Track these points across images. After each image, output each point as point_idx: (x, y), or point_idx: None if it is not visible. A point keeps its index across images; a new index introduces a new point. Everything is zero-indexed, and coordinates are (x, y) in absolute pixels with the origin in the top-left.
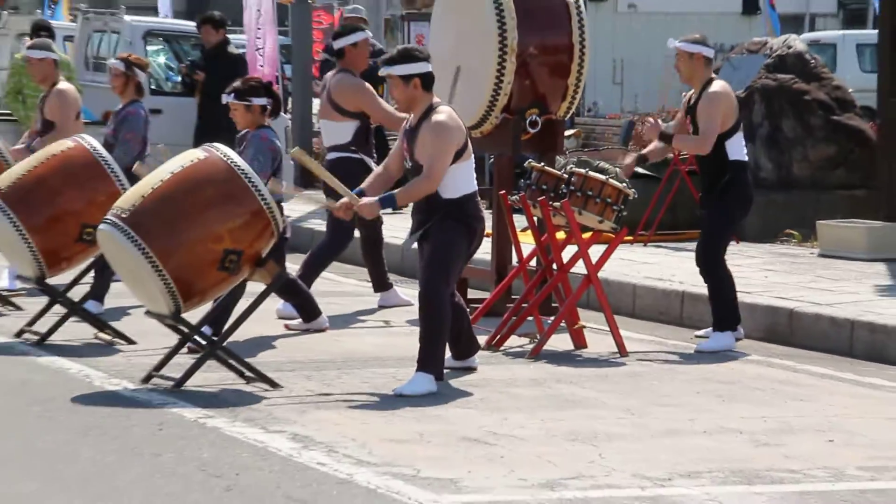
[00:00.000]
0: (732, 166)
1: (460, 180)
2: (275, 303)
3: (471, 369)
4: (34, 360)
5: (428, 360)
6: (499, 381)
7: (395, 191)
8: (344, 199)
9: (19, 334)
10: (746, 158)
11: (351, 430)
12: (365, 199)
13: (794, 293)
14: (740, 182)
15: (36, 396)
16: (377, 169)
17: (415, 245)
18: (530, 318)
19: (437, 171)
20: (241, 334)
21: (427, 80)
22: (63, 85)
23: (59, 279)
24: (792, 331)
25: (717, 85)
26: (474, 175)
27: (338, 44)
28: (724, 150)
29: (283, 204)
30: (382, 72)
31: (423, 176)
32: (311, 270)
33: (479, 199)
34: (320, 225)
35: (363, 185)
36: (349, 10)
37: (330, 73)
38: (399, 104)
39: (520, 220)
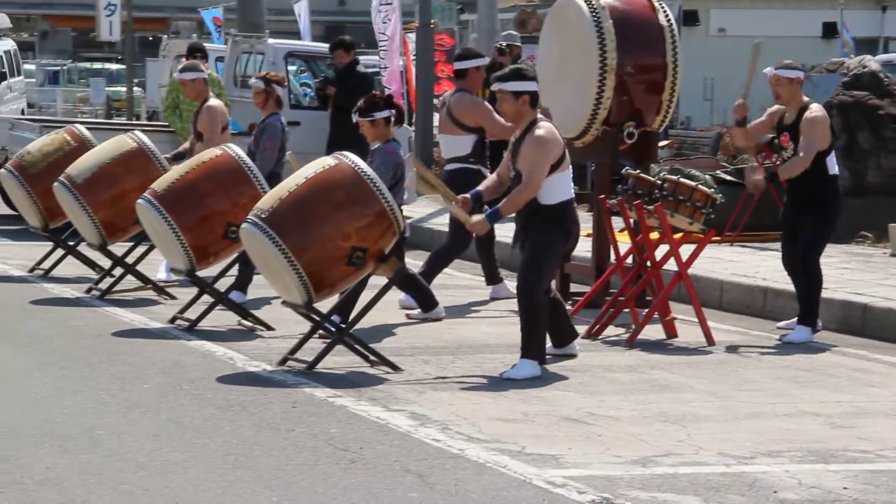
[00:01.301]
0: (830, 180)
1: (558, 188)
2: (396, 294)
3: (571, 356)
4: (185, 344)
5: (530, 347)
6: (597, 366)
7: (499, 204)
8: (463, 214)
9: (172, 320)
10: (838, 172)
11: (463, 409)
12: (475, 218)
13: (868, 289)
14: (837, 193)
15: (185, 376)
16: (491, 177)
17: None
18: (626, 310)
19: (535, 181)
20: (366, 322)
21: (534, 99)
22: (213, 101)
23: (207, 272)
24: (865, 323)
25: (817, 109)
26: (571, 184)
27: (462, 65)
28: (824, 166)
29: (403, 207)
30: (495, 87)
31: (522, 185)
32: (433, 268)
33: (575, 204)
34: (438, 225)
35: (480, 188)
36: (504, 37)
37: (449, 92)
38: (506, 117)
39: (617, 222)
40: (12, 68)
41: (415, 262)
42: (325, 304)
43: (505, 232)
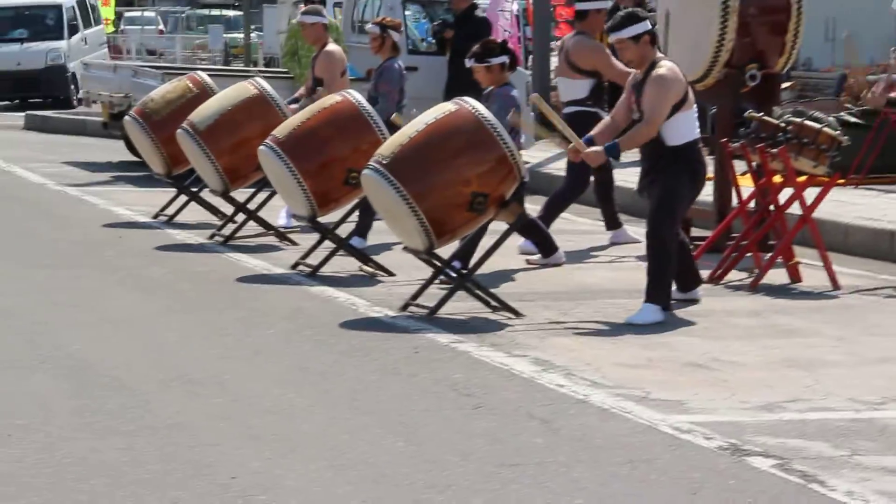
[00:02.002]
0: None
1: (684, 128)
2: (516, 240)
3: (694, 301)
4: (307, 290)
5: (655, 293)
6: (720, 311)
7: (619, 139)
8: (573, 144)
9: (294, 266)
10: None
11: (586, 355)
12: (592, 148)
13: None
14: None
15: (308, 322)
16: (605, 119)
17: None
18: (749, 255)
19: (656, 118)
20: (486, 268)
21: (654, 36)
22: (331, 46)
23: (328, 218)
24: None
25: None
26: (697, 123)
27: (582, 6)
28: None
29: (523, 151)
30: (612, 38)
31: (643, 122)
32: (551, 212)
33: (701, 145)
34: (557, 170)
35: (593, 133)
36: None
37: (568, 35)
38: (634, 63)
39: (739, 166)
40: (88, 19)
41: (533, 207)
42: (445, 250)
43: (624, 176)
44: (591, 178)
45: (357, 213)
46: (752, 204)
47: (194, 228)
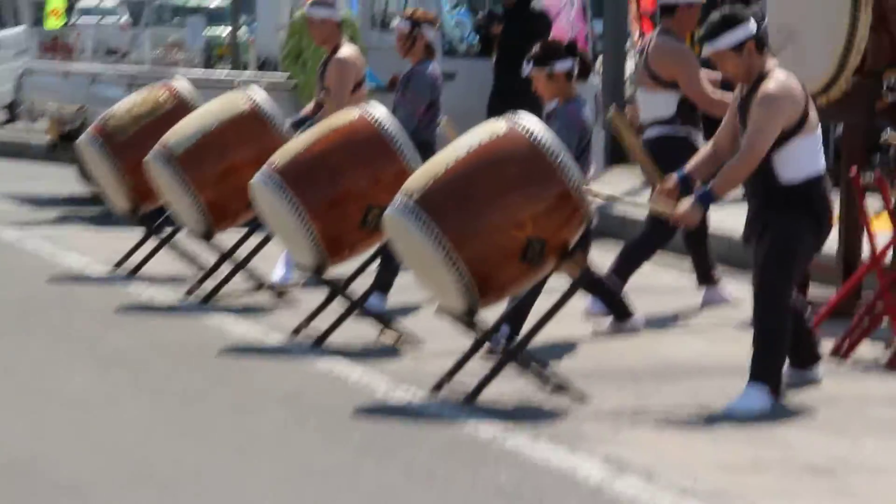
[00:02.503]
0: None
1: (803, 159)
2: (582, 300)
3: (813, 382)
4: (311, 365)
5: (763, 372)
6: (848, 397)
7: (712, 182)
8: (665, 204)
9: (296, 332)
10: None
11: (673, 452)
12: (683, 206)
13: None
14: None
15: (313, 408)
16: (705, 147)
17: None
18: (885, 323)
19: (756, 148)
20: (543, 337)
21: (760, 41)
22: (346, 50)
23: (339, 269)
24: None
25: None
26: (821, 152)
27: (667, 0)
28: None
29: (591, 184)
30: (706, 51)
31: (740, 153)
32: (627, 265)
33: (827, 182)
34: (635, 209)
35: (688, 168)
36: None
37: (653, 32)
38: (738, 77)
39: (873, 203)
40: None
41: (603, 257)
42: (491, 313)
43: (723, 216)
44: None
45: (377, 263)
46: (889, 255)
47: (166, 283)
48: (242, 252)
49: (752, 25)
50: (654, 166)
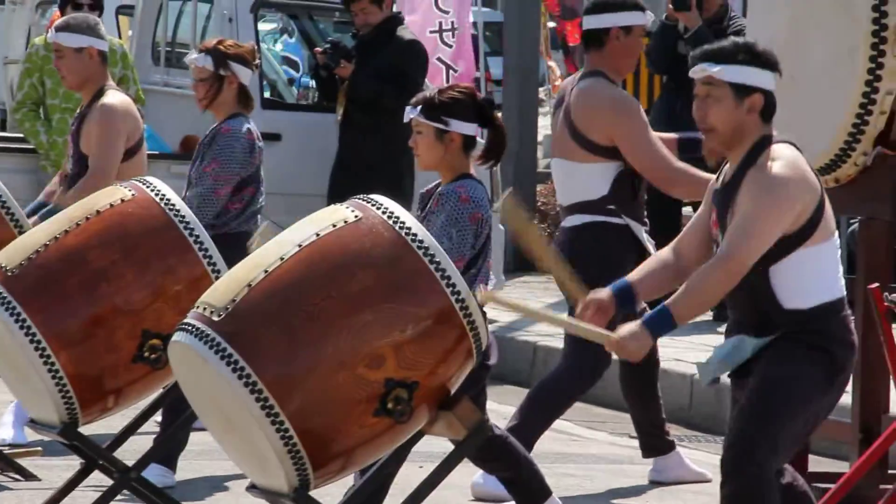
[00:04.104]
0: None
1: (814, 275)
2: (468, 474)
3: None
4: None
5: None
6: None
7: (671, 300)
8: (594, 330)
9: None
10: None
11: None
12: (624, 329)
13: None
14: None
15: None
16: (660, 253)
17: (722, 377)
18: None
19: (742, 253)
20: None
21: (770, 105)
22: (112, 96)
23: (101, 425)
24: None
25: None
26: (840, 267)
27: (594, 23)
28: None
29: (486, 302)
30: (698, 71)
31: (717, 258)
32: (537, 419)
33: (848, 310)
34: (550, 339)
35: (634, 275)
36: None
37: (571, 78)
38: (720, 138)
39: None
40: None
41: (502, 408)
42: (330, 493)
43: (681, 353)
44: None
45: (158, 417)
46: None
47: None
48: None
49: (773, 80)
50: (570, 274)
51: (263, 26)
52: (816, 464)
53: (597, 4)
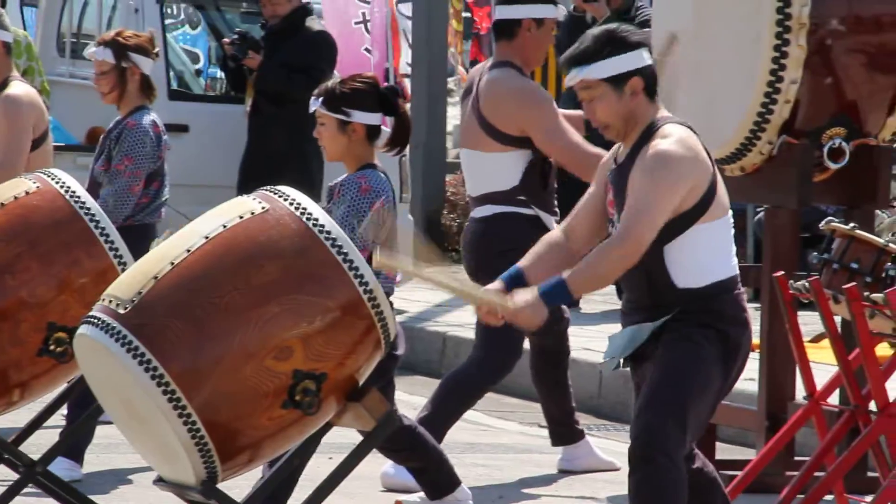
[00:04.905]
0: None
1: (708, 254)
2: (378, 464)
3: None
4: None
5: None
6: None
7: (566, 272)
8: (489, 294)
9: None
10: None
11: None
12: (520, 296)
13: None
14: None
15: None
16: (550, 235)
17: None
18: (830, 497)
19: (638, 232)
20: None
21: (651, 81)
22: (16, 87)
23: (6, 419)
24: None
25: None
26: (732, 246)
27: (506, 14)
28: None
29: (392, 294)
30: (571, 79)
31: (615, 237)
32: (447, 409)
33: (741, 288)
34: (460, 329)
35: (524, 262)
36: None
37: (479, 66)
38: (611, 129)
39: (810, 322)
40: None
41: (412, 398)
42: (238, 485)
43: (590, 342)
44: (525, 346)
45: (64, 411)
46: (833, 398)
47: None
48: None
49: (644, 55)
50: (460, 281)
51: (169, 18)
52: (723, 451)
53: None
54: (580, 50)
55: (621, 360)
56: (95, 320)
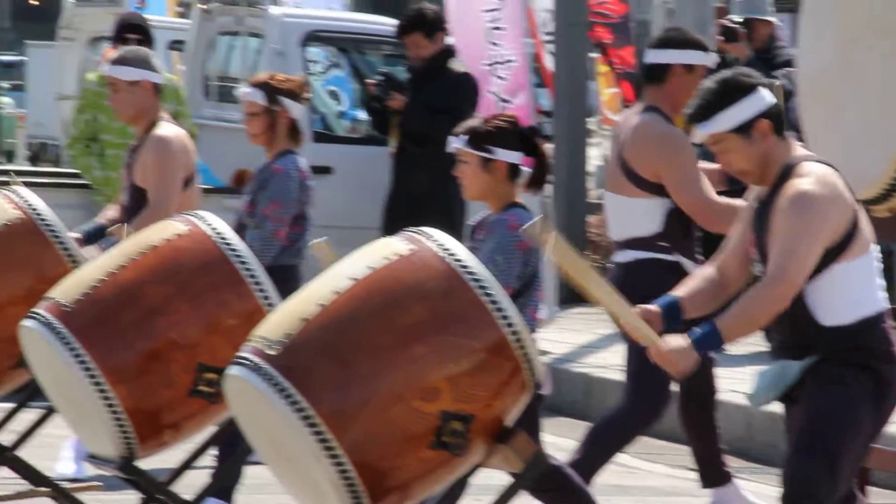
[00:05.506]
0: None
1: (852, 290)
2: None
3: None
4: None
5: None
6: None
7: (720, 318)
8: (646, 329)
9: None
10: None
11: None
12: (672, 341)
13: None
14: None
15: None
16: (704, 270)
17: (772, 405)
18: None
19: (789, 276)
20: None
21: (777, 119)
22: (165, 129)
23: (159, 459)
24: None
25: None
26: (879, 280)
27: (657, 58)
28: None
29: (540, 332)
30: (699, 136)
31: (767, 280)
32: (597, 453)
33: (889, 324)
34: (605, 371)
35: (681, 292)
36: (740, 4)
37: (630, 111)
38: (748, 174)
39: None
40: None
41: (560, 440)
42: None
43: (735, 383)
44: (674, 389)
45: (217, 452)
46: None
47: None
48: (7, 437)
49: (764, 95)
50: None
51: (314, 60)
52: (877, 496)
53: (661, 39)
54: (700, 105)
55: (769, 398)
56: (245, 361)
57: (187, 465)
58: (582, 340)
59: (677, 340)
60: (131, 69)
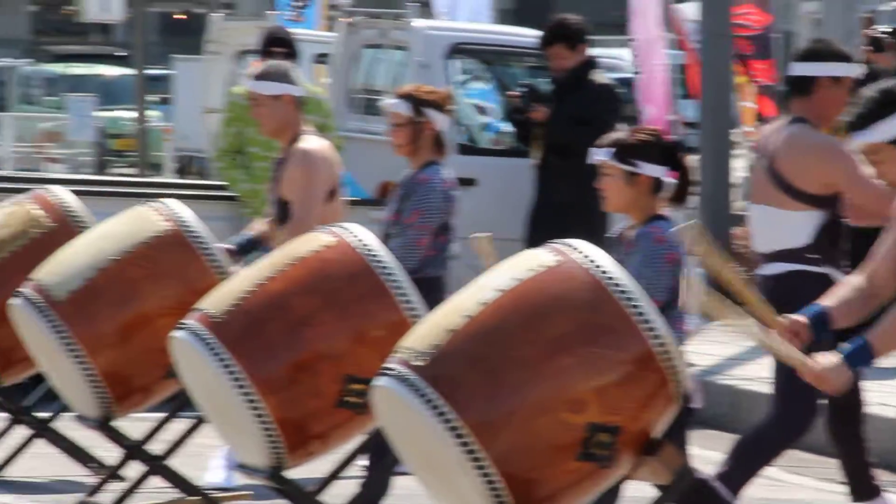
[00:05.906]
0: None
1: None
2: None
3: None
4: None
5: None
6: None
7: (870, 331)
8: (795, 353)
9: None
10: None
11: None
12: (823, 359)
13: None
14: None
15: None
16: (853, 279)
17: None
18: None
19: None
20: None
21: None
22: (310, 142)
23: (307, 470)
24: None
25: None
26: None
27: (800, 69)
28: None
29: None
30: (856, 145)
31: None
32: (744, 466)
33: None
34: (751, 383)
35: (829, 302)
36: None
37: (776, 124)
38: None
39: None
40: None
41: (704, 452)
42: None
43: (884, 396)
44: (822, 402)
45: (361, 462)
46: None
47: (42, 492)
48: (158, 446)
49: None
50: (760, 303)
51: (458, 73)
52: None
53: (807, 52)
54: (859, 115)
55: None
56: (392, 372)
57: (335, 475)
58: (728, 352)
59: (829, 358)
60: (272, 84)
